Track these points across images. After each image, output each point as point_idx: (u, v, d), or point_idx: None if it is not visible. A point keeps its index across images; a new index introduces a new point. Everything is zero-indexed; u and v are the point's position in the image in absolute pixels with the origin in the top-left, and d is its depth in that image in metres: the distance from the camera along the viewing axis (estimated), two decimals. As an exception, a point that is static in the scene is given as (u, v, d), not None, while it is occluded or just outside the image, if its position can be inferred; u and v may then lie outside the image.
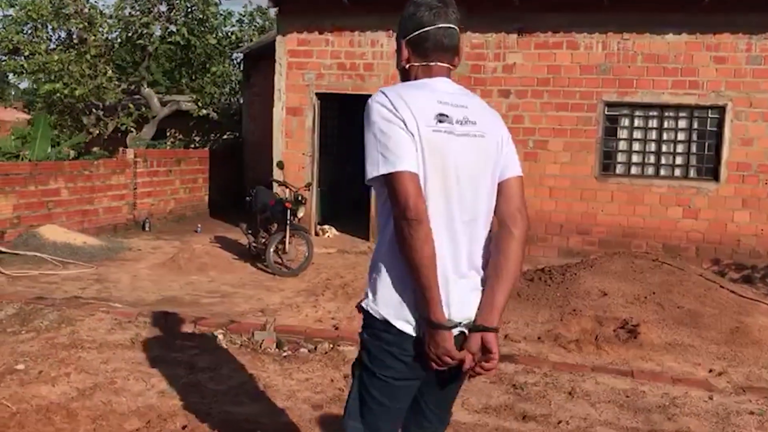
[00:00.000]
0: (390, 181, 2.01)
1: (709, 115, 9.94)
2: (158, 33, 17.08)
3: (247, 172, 15.26)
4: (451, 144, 2.08)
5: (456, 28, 2.23)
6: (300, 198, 9.11)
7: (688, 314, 5.23)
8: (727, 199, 9.89)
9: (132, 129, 17.71)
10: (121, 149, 12.57)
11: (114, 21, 17.37)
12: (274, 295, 7.80)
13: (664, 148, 10.16)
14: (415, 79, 2.22)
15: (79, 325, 4.82)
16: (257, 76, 15.09)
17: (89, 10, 16.87)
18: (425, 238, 1.98)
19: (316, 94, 11.10)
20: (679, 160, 10.15)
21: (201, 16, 17.07)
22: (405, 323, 2.08)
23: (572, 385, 4.12)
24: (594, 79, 10.15)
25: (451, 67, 2.25)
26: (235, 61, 19.22)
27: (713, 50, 9.76)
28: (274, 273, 8.81)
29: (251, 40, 18.20)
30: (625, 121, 10.25)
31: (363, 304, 2.16)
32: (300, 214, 9.21)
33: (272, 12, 19.59)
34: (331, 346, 4.63)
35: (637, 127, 10.22)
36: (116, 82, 16.90)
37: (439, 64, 2.21)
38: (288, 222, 8.87)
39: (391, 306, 2.09)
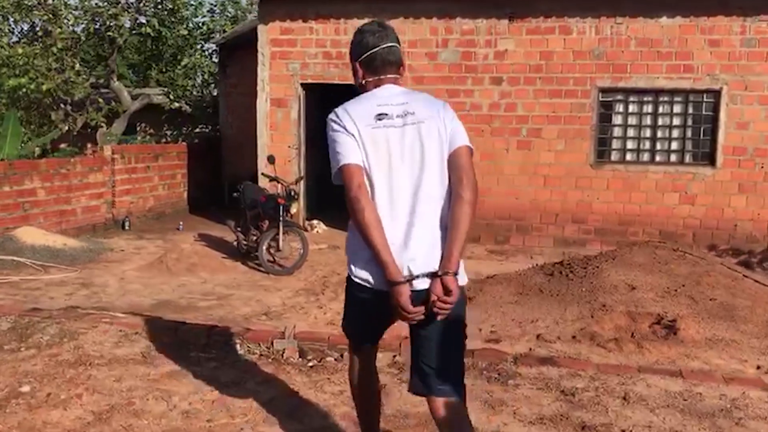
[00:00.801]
0: (340, 173, 2.59)
1: (705, 99, 9.81)
2: (128, 24, 16.46)
3: (225, 166, 14.82)
4: (393, 133, 2.59)
5: (397, 45, 2.75)
6: (292, 193, 8.77)
7: (722, 307, 5.05)
8: (723, 183, 9.79)
9: (102, 124, 17.13)
10: (89, 146, 12.07)
11: (80, 13, 16.71)
12: (272, 295, 7.47)
13: (659, 134, 10.02)
14: (368, 91, 2.73)
15: (83, 339, 4.44)
16: (234, 67, 14.63)
17: (53, 1, 16.19)
18: (366, 210, 2.49)
19: (301, 84, 10.74)
20: (674, 146, 10.01)
21: (171, 6, 16.49)
22: (362, 280, 2.64)
23: (624, 389, 3.88)
24: (587, 64, 9.95)
25: (398, 77, 2.76)
26: (206, 52, 18.67)
27: (707, 33, 9.61)
28: (268, 272, 8.47)
29: (224, 31, 17.70)
30: (620, 107, 10.08)
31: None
32: (293, 210, 8.89)
33: (244, 1, 19.18)
34: (359, 353, 4.33)
35: (632, 113, 10.06)
36: (84, 76, 16.28)
37: (387, 77, 2.72)
38: (281, 219, 8.53)
39: (356, 268, 2.66)
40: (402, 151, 2.58)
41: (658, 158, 10.04)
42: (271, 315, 6.42)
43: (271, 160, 9.17)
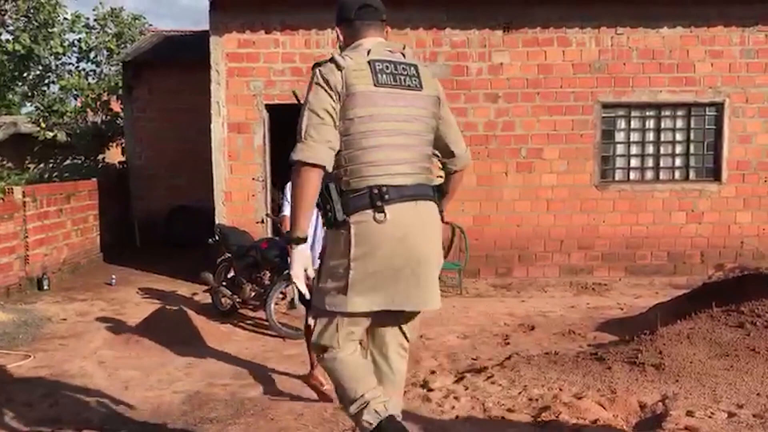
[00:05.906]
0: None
1: (707, 113, 9.39)
2: (-10, 40, 13.82)
3: (134, 202, 12.73)
4: None
5: None
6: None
7: None
8: (729, 199, 9.41)
9: (-44, 160, 14.35)
10: None
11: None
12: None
13: (662, 150, 9.47)
14: None
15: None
16: (141, 89, 12.63)
17: None
18: None
19: (266, 105, 9.14)
20: (678, 162, 9.51)
21: (45, 19, 14.01)
22: None
23: None
24: (588, 78, 9.22)
25: None
26: (82, 73, 16.16)
27: (708, 44, 9.22)
28: (281, 336, 6.89)
29: (108, 49, 15.42)
30: (622, 123, 9.43)
31: None
32: (305, 256, 7.31)
33: (125, 16, 16.88)
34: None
35: (635, 129, 9.45)
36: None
37: None
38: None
39: None
40: None
41: (662, 175, 9.48)
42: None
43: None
